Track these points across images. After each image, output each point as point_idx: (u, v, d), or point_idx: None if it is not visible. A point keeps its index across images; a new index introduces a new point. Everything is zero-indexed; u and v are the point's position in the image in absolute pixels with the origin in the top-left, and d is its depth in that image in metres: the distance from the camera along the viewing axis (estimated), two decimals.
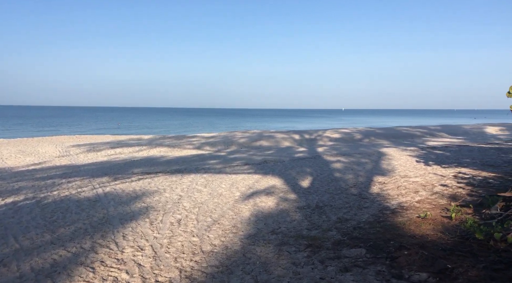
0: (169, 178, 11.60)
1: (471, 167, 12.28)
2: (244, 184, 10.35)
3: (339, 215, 6.94)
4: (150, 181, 11.12)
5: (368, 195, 8.68)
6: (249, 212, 7.39)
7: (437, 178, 10.51)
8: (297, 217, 6.95)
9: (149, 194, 9.22)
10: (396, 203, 7.68)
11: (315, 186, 9.87)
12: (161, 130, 49.15)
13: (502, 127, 42.79)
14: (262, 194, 9.07)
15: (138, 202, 8.41)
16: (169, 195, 9.12)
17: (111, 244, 5.71)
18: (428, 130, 38.32)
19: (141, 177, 11.90)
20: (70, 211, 7.70)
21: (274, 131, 34.28)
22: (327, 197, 8.51)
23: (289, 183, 10.35)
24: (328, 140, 28.21)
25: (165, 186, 10.31)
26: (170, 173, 12.68)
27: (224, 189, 9.73)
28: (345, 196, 8.63)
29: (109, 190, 9.74)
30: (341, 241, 5.22)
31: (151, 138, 27.48)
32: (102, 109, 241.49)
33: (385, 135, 31.52)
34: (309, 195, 8.85)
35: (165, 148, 22.13)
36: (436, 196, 8.17)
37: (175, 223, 6.74)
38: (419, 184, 9.73)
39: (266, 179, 11.12)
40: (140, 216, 7.28)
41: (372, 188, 9.48)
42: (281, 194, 8.97)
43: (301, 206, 7.73)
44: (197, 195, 9.07)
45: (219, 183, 10.58)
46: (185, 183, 10.72)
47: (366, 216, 6.74)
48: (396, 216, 6.59)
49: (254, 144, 24.91)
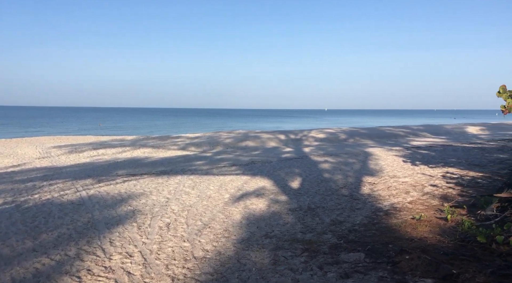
0: (155, 179, 11.31)
1: (458, 167, 12.35)
2: (233, 186, 10.14)
3: (332, 217, 6.81)
4: (136, 183, 10.81)
5: (359, 196, 8.58)
6: (240, 215, 7.19)
7: (426, 178, 10.50)
8: (289, 219, 6.79)
9: (135, 197, 8.94)
10: (389, 204, 7.60)
11: (305, 187, 9.73)
12: (145, 131, 48.48)
13: (483, 127, 43.61)
14: (252, 195, 8.89)
15: (124, 205, 8.12)
16: (156, 198, 8.85)
17: (97, 250, 5.44)
18: (411, 130, 38.73)
19: (126, 178, 11.57)
20: (52, 215, 7.37)
21: (260, 132, 34.14)
22: (319, 198, 8.38)
23: (279, 184, 10.19)
24: (313, 140, 28.20)
25: (151, 188, 10.03)
26: (155, 174, 12.38)
27: (213, 191, 9.51)
28: (336, 197, 8.51)
29: (93, 193, 9.41)
30: (337, 245, 5.07)
31: (135, 139, 27.01)
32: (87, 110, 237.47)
33: (369, 135, 31.70)
34: (300, 196, 8.70)
35: (149, 148, 21.74)
36: (428, 197, 8.13)
37: (164, 227, 6.50)
38: (409, 184, 9.70)
39: (255, 180, 10.94)
40: (127, 220, 7.01)
41: (362, 188, 9.39)
42: (272, 196, 8.81)
43: (293, 208, 7.58)
44: (185, 198, 8.82)
45: (207, 185, 10.35)
46: (172, 184, 10.45)
47: (360, 218, 6.63)
48: (390, 218, 6.49)
49: (240, 144, 24.70)
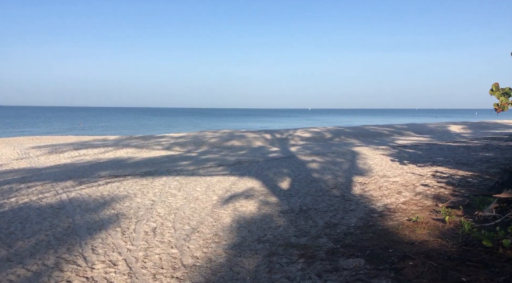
0: (139, 181, 10.91)
1: (446, 166, 12.29)
2: (221, 187, 9.83)
3: (326, 219, 6.57)
4: (119, 184, 10.40)
5: (351, 196, 8.38)
6: (230, 218, 6.89)
7: (416, 177, 10.38)
8: (282, 222, 6.52)
9: (118, 199, 8.54)
10: (382, 205, 7.40)
11: (295, 188, 9.48)
12: (128, 131, 47.62)
13: (464, 126, 44.24)
14: (241, 197, 8.59)
15: (107, 209, 7.73)
16: (140, 200, 8.47)
17: (78, 259, 5.07)
18: (395, 129, 39.02)
19: (108, 180, 11.13)
20: (30, 220, 6.93)
21: (245, 131, 33.85)
22: (310, 200, 8.14)
23: (268, 185, 9.92)
24: (299, 139, 28.06)
25: (135, 190, 9.64)
26: (140, 175, 11.97)
27: (200, 193, 9.18)
28: (328, 198, 8.28)
29: (74, 196, 8.97)
30: (334, 250, 4.82)
31: (117, 139, 26.39)
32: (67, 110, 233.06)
33: (354, 135, 31.76)
34: (290, 197, 8.45)
35: (132, 148, 21.23)
36: (420, 197, 7.97)
37: (150, 232, 6.15)
38: (400, 184, 9.55)
39: (243, 181, 10.64)
40: (110, 224, 6.63)
41: (353, 188, 9.20)
42: (261, 197, 8.53)
43: (285, 210, 7.31)
44: (171, 200, 8.47)
45: (194, 186, 10.01)
46: (157, 186, 10.08)
47: (354, 220, 6.41)
48: (385, 220, 6.29)
49: (226, 144, 24.37)
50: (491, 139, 23.95)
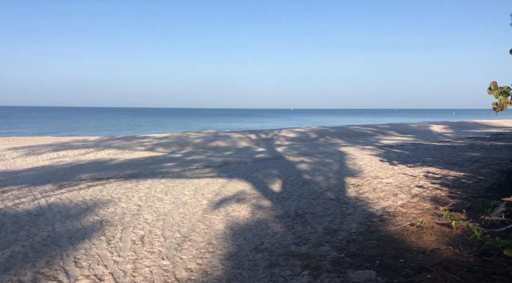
0: (123, 184, 10.40)
1: (436, 166, 12.16)
2: (210, 190, 9.42)
3: (324, 224, 6.25)
4: (102, 188, 9.87)
5: (347, 199, 8.08)
6: (222, 224, 6.50)
7: (409, 178, 10.18)
8: (278, 228, 6.17)
9: (102, 205, 8.04)
10: (380, 208, 7.13)
11: (288, 190, 9.15)
12: (108, 132, 46.54)
13: (445, 126, 44.85)
14: (232, 201, 8.20)
15: (90, 215, 7.23)
16: (125, 205, 8.00)
17: (59, 273, 4.60)
18: (378, 129, 39.22)
19: (90, 183, 10.58)
20: (4, 229, 6.40)
21: (229, 131, 33.41)
22: (305, 203, 7.81)
23: (259, 188, 9.56)
24: (285, 139, 27.80)
25: (119, 194, 9.14)
26: (123, 178, 11.44)
27: (188, 196, 8.75)
28: (323, 201, 7.97)
29: (54, 201, 8.42)
30: (340, 260, 4.49)
31: (98, 139, 25.60)
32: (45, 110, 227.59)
33: (339, 134, 31.71)
34: (284, 201, 8.10)
35: (114, 149, 20.57)
36: (418, 199, 7.73)
37: (137, 241, 5.71)
38: (394, 185, 9.32)
39: (232, 183, 10.25)
40: (94, 233, 6.15)
41: (347, 191, 8.92)
42: (253, 201, 8.15)
43: (280, 215, 6.96)
44: (159, 204, 8.02)
45: (181, 189, 9.57)
46: (142, 190, 9.60)
47: (354, 225, 6.10)
48: (386, 224, 6.00)
49: (211, 145, 23.91)
50: (474, 139, 24.17)
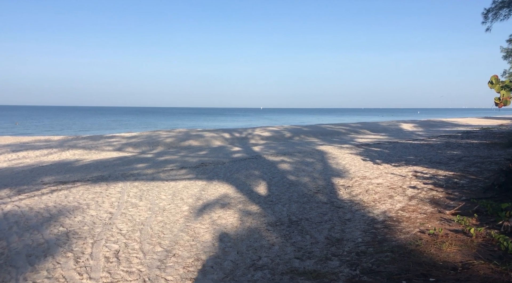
0: (91, 188, 9.42)
1: (422, 165, 11.81)
2: (189, 194, 8.61)
3: (324, 233, 5.60)
4: (67, 193, 8.87)
5: (341, 202, 7.48)
6: (209, 235, 5.73)
7: (398, 178, 9.72)
8: (274, 238, 5.46)
9: (68, 213, 7.08)
10: (380, 213, 6.56)
11: (275, 193, 8.47)
12: (72, 131, 44.43)
13: (415, 124, 45.60)
14: (216, 206, 7.43)
15: (54, 225, 6.28)
16: (95, 213, 7.08)
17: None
18: (350, 127, 39.31)
19: (54, 187, 9.54)
20: None
21: (202, 130, 32.43)
22: (296, 208, 7.14)
23: (243, 190, 8.83)
24: (259, 139, 27.18)
25: (88, 199, 8.19)
26: (91, 181, 10.43)
27: (166, 202, 7.91)
28: (315, 205, 7.33)
29: (10, 209, 7.39)
30: (357, 279, 3.84)
31: (63, 139, 24.05)
32: (2, 108, 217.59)
33: (313, 133, 31.42)
34: (273, 205, 7.40)
35: (79, 150, 19.27)
36: (416, 202, 7.22)
37: (112, 258, 4.85)
38: (386, 186, 8.82)
39: (213, 186, 9.47)
40: (59, 248, 5.25)
41: (339, 193, 8.33)
42: (240, 206, 7.41)
43: (272, 222, 6.25)
44: (134, 212, 7.15)
45: (157, 193, 8.71)
46: (114, 194, 8.67)
47: (358, 233, 5.48)
48: (394, 232, 5.42)
49: (183, 144, 22.95)
50: (448, 137, 24.36)
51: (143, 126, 55.26)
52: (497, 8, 22.95)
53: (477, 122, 52.59)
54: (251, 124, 54.59)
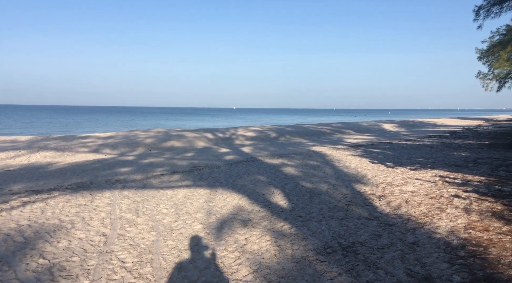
0: (73, 199, 7.82)
1: (441, 169, 10.77)
2: (195, 206, 7.17)
3: (399, 266, 4.30)
4: (43, 206, 7.25)
5: (386, 217, 6.22)
6: (246, 269, 4.33)
7: (428, 185, 8.60)
8: (336, 275, 4.12)
9: (47, 235, 5.52)
10: (447, 233, 5.32)
11: (298, 205, 7.13)
12: (40, 130, 41.61)
13: (396, 125, 45.32)
14: (236, 224, 6.03)
15: (31, 256, 4.73)
16: (84, 235, 5.55)
17: None
18: (333, 127, 38.48)
19: (26, 199, 7.87)
20: None
21: (181, 130, 30.67)
22: (337, 225, 5.83)
23: (258, 201, 7.46)
24: (244, 139, 25.78)
25: (70, 214, 6.62)
26: (71, 189, 8.80)
27: (170, 217, 6.45)
28: (358, 221, 6.04)
29: None
30: None
31: (31, 139, 21.84)
32: None
33: (298, 133, 30.31)
34: (306, 222, 6.06)
35: (51, 151, 17.30)
36: (478, 216, 6.05)
37: None
38: (423, 195, 7.65)
39: (219, 195, 8.06)
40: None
41: (375, 204, 7.08)
42: (265, 223, 6.04)
43: (319, 248, 4.92)
44: (133, 232, 5.66)
45: (155, 206, 7.23)
46: (102, 207, 7.12)
47: (445, 266, 4.21)
48: (493, 265, 4.19)
49: (165, 145, 21.27)
50: (438, 138, 23.77)
51: (115, 125, 52.77)
52: (489, 5, 22.48)
53: (454, 122, 53.08)
54: (231, 124, 53.10)
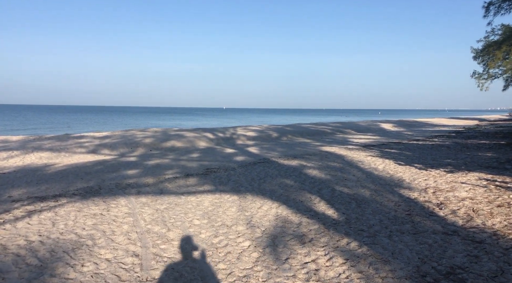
0: (85, 207, 6.78)
1: (480, 171, 9.95)
2: (229, 216, 6.18)
3: None
4: (53, 216, 6.20)
5: (466, 232, 5.28)
6: None
7: (482, 190, 7.74)
8: None
9: (66, 256, 4.48)
10: None
11: (350, 215, 6.19)
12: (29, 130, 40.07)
13: (394, 124, 44.74)
14: (291, 240, 5.05)
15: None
16: (111, 255, 4.53)
17: None
18: (333, 127, 37.70)
19: (30, 207, 6.80)
20: None
21: (179, 130, 29.54)
22: (416, 244, 4.87)
23: (300, 210, 6.49)
24: (246, 139, 24.80)
25: (87, 227, 5.60)
26: (79, 196, 7.74)
27: (207, 231, 5.46)
28: (437, 237, 5.09)
29: None
30: None
31: (23, 139, 20.50)
32: None
33: (299, 133, 29.44)
34: (373, 238, 5.11)
35: (46, 152, 16.09)
36: None
37: None
38: (486, 202, 6.77)
39: (250, 202, 7.09)
40: None
41: (440, 215, 6.15)
42: (325, 239, 5.07)
43: (412, 276, 3.96)
44: (171, 252, 4.66)
45: (184, 216, 6.23)
46: (122, 218, 6.10)
47: None
48: None
49: (165, 145, 20.18)
50: (447, 138, 23.17)
51: (110, 125, 51.33)
52: (500, 1, 21.85)
53: (450, 122, 52.82)
54: (226, 124, 52.07)
